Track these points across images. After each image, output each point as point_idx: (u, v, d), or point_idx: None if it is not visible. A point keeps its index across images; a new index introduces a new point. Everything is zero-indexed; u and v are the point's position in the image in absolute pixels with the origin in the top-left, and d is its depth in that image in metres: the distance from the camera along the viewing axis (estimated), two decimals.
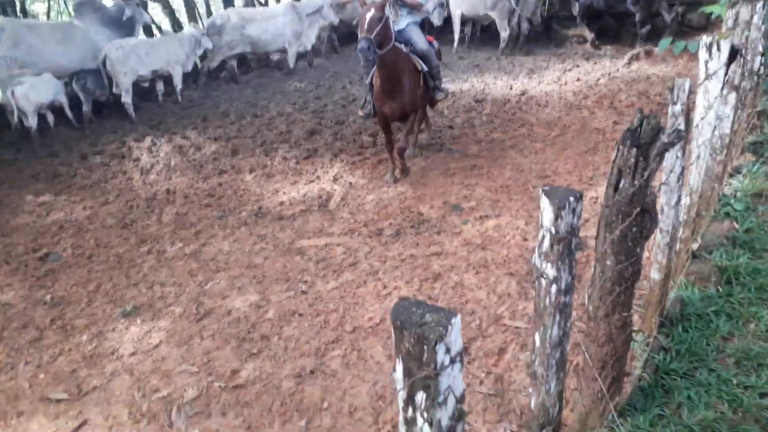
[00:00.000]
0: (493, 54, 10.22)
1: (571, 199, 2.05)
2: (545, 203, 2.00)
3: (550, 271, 2.08)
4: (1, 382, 3.25)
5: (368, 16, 4.52)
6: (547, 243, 2.05)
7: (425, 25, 10.24)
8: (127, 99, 8.03)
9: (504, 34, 10.06)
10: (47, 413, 2.97)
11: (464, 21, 10.83)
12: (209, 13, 14.42)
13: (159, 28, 12.72)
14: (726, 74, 3.16)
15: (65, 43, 8.37)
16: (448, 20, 10.99)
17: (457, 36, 10.79)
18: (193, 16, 13.31)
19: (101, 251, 4.63)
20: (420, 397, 1.43)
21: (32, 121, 7.19)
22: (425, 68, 5.26)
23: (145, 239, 4.76)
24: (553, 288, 2.13)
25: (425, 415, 1.43)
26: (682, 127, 2.49)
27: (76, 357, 3.38)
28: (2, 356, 3.48)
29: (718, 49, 3.05)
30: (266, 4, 14.31)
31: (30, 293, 4.13)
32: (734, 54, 3.16)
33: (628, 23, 9.79)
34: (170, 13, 13.48)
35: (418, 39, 5.32)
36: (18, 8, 11.05)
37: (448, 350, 1.40)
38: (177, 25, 13.16)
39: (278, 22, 9.99)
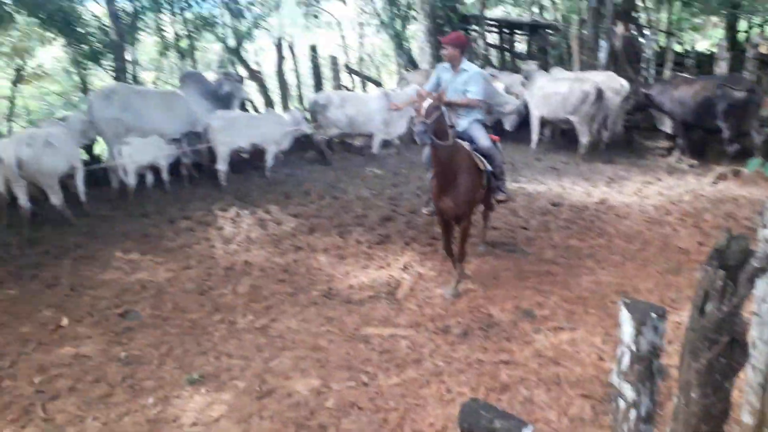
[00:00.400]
0: (571, 158, 10.25)
1: (654, 315, 1.95)
2: (625, 317, 1.91)
3: (629, 393, 1.97)
4: None
5: (425, 104, 4.50)
6: (626, 361, 1.95)
7: (498, 128, 10.63)
8: (221, 167, 8.61)
9: (584, 139, 10.12)
10: None
11: (543, 123, 11.02)
12: (300, 96, 15.49)
13: (253, 105, 13.73)
14: None
15: (168, 110, 9.14)
16: (524, 122, 11.28)
17: (535, 137, 10.95)
18: (285, 96, 14.32)
19: (177, 315, 4.80)
20: None
21: (131, 180, 7.83)
22: (489, 168, 5.15)
23: (219, 308, 4.92)
24: (632, 413, 2.00)
25: None
26: None
27: (141, 419, 3.45)
28: (73, 408, 3.61)
29: None
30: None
31: (107, 348, 4.31)
32: None
33: (714, 140, 9.64)
34: (264, 92, 14.56)
35: (480, 136, 5.27)
36: (131, 75, 12.30)
37: None
38: (269, 104, 14.20)
39: (371, 107, 10.54)
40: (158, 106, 9.05)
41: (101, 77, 14.09)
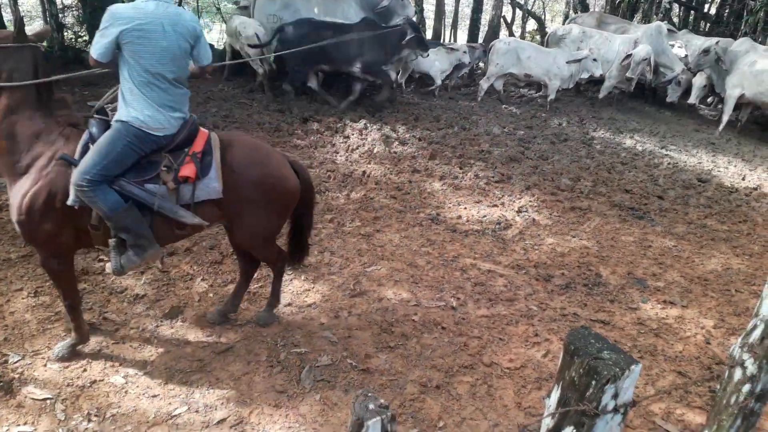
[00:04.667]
0: (729, 134, 9.18)
1: None
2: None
3: (750, 367, 1.87)
4: (179, 288, 3.72)
5: None
6: (757, 334, 1.85)
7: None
8: (492, 83, 9.75)
9: None
10: (203, 329, 3.32)
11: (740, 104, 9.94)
12: (455, 21, 15.04)
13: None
14: None
15: (328, 15, 9.27)
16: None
17: (725, 118, 9.84)
18: (440, 19, 13.96)
19: None
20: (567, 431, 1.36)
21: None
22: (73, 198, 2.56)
23: (331, 208, 5.11)
24: (746, 387, 1.90)
25: None
26: None
27: None
28: (187, 267, 3.99)
29: None
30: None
31: None
32: None
33: None
34: (419, 12, 14.29)
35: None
36: None
37: (615, 395, 1.31)
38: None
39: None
40: (318, 8, 9.21)
41: None
